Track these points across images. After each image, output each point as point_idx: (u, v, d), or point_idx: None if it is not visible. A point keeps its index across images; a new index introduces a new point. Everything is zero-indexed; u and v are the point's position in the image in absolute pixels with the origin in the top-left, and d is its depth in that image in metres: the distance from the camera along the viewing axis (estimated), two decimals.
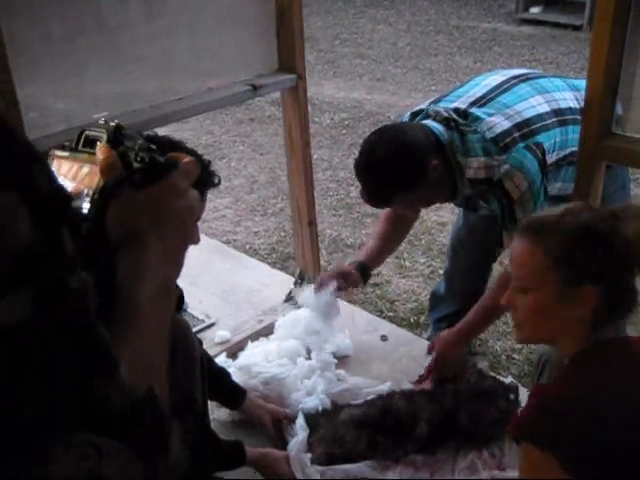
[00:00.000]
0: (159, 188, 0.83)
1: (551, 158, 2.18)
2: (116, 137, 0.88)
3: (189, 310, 3.05)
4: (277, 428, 2.37)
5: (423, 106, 2.30)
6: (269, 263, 3.76)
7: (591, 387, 1.41)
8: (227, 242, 4.07)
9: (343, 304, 3.16)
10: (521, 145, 2.10)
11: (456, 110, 2.18)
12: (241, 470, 2.10)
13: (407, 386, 2.45)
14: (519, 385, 2.37)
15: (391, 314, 3.35)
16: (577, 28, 8.10)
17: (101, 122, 0.90)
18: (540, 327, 1.54)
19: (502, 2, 9.74)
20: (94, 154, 0.86)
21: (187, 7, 2.32)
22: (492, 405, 2.25)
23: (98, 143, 0.87)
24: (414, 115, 2.30)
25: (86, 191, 0.84)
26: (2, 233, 0.54)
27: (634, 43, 1.79)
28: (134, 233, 0.79)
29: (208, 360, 2.18)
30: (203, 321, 2.98)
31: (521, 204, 2.12)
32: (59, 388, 0.53)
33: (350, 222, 4.30)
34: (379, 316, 3.26)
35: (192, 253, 2.41)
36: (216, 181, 1.88)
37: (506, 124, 2.12)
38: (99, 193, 0.83)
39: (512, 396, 2.29)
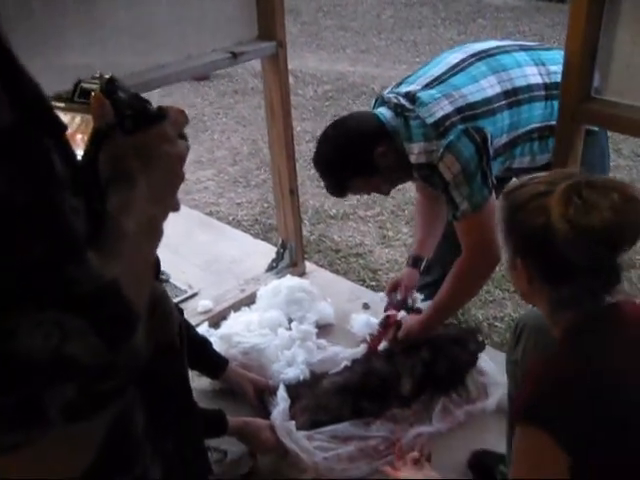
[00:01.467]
0: (149, 134, 0.87)
1: (500, 141, 2.21)
2: (109, 88, 0.91)
3: (171, 280, 3.05)
4: (259, 398, 2.37)
5: (386, 91, 2.35)
6: (252, 234, 3.76)
7: (582, 362, 1.37)
8: (210, 214, 4.06)
9: (325, 273, 3.18)
10: (459, 128, 2.12)
11: (407, 94, 2.22)
12: (224, 439, 2.11)
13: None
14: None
15: (373, 283, 3.36)
16: (561, 0, 8.09)
17: (96, 75, 0.93)
18: (520, 292, 1.55)
19: None
20: (89, 104, 0.89)
21: None
22: (465, 349, 2.39)
23: (92, 93, 0.90)
24: (376, 101, 2.38)
25: (80, 136, 0.88)
26: None
27: (612, 10, 1.78)
28: (124, 173, 0.83)
29: (188, 329, 2.17)
30: (185, 291, 2.98)
31: (455, 187, 2.15)
32: (28, 266, 0.55)
33: None
34: (362, 285, 3.27)
35: (174, 224, 2.41)
36: (186, 139, 1.86)
37: (448, 108, 2.15)
38: (92, 136, 0.87)
39: (480, 337, 2.45)
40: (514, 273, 1.49)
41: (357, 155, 2.22)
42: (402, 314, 2.53)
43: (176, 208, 1.95)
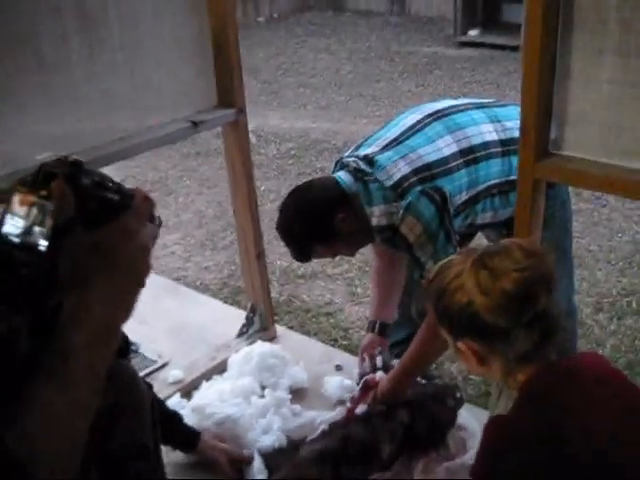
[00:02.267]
0: (111, 229, 0.83)
1: (460, 198, 2.24)
2: (72, 173, 0.86)
3: (140, 351, 3.00)
4: (237, 470, 2.32)
5: (345, 154, 2.38)
6: (221, 298, 3.73)
7: (537, 417, 1.41)
8: (177, 279, 4.02)
9: (296, 336, 3.16)
10: (417, 189, 2.15)
11: (365, 157, 2.25)
12: None
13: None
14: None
15: (345, 342, 3.34)
16: (515, 49, 8.25)
17: (60, 157, 0.89)
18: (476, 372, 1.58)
19: (441, 26, 9.89)
20: (49, 189, 0.84)
21: (125, 46, 2.30)
22: (444, 406, 2.37)
23: (55, 182, 0.85)
24: (336, 164, 2.41)
25: (38, 229, 0.82)
26: None
27: (563, 65, 1.82)
28: (82, 275, 0.79)
29: (159, 404, 2.14)
30: (155, 361, 2.94)
31: (420, 247, 2.17)
32: None
33: None
34: (333, 345, 3.25)
35: (142, 292, 2.38)
36: (157, 222, 1.84)
37: (405, 169, 2.18)
38: (51, 232, 0.81)
39: (458, 394, 2.43)
40: (462, 357, 1.54)
41: (318, 223, 2.24)
42: (380, 374, 2.51)
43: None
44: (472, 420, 2.38)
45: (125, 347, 1.90)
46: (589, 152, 1.87)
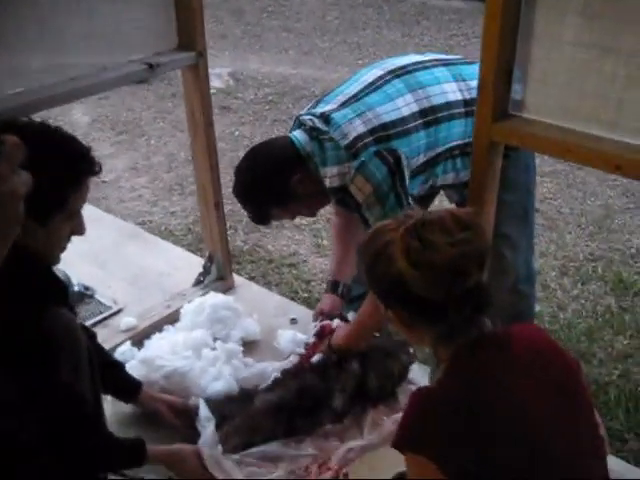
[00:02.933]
0: None
1: (417, 160, 2.16)
2: None
3: (96, 296, 2.96)
4: (185, 419, 2.28)
5: (304, 112, 2.30)
6: (184, 245, 3.69)
7: (461, 386, 1.39)
8: (142, 223, 3.97)
9: (254, 287, 3.12)
10: (371, 150, 2.08)
11: (322, 115, 2.17)
12: (157, 468, 2.02)
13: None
14: None
15: (306, 295, 3.32)
16: None
17: None
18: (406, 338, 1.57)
19: None
20: None
21: None
22: (397, 361, 2.37)
23: None
24: (295, 121, 2.33)
25: None
26: None
27: (526, 25, 1.75)
28: None
29: (100, 352, 2.10)
30: (110, 307, 2.89)
31: (368, 208, 2.12)
32: None
33: None
34: (294, 297, 3.22)
35: (103, 236, 2.35)
36: (96, 169, 1.78)
37: (361, 129, 2.10)
38: None
39: (411, 349, 2.40)
40: (392, 324, 1.51)
41: (274, 186, 2.19)
42: (337, 321, 2.49)
43: (80, 232, 1.86)
44: (423, 375, 2.39)
45: (63, 293, 1.85)
46: (550, 115, 1.80)
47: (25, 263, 1.58)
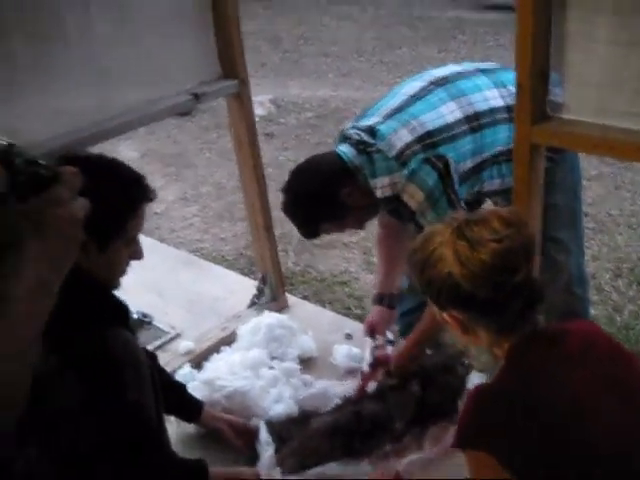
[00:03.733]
0: (40, 200, 0.91)
1: (465, 166, 2.19)
2: (5, 155, 0.94)
3: (154, 322, 3.03)
4: (245, 441, 2.32)
5: (348, 126, 2.35)
6: (237, 269, 3.75)
7: (517, 381, 1.42)
8: (195, 250, 4.06)
9: (307, 305, 3.17)
10: (420, 157, 2.12)
11: (367, 128, 2.22)
12: None
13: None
14: None
15: (359, 311, 3.35)
16: None
17: None
18: (462, 342, 1.59)
19: None
20: None
21: (125, 19, 2.29)
22: (453, 375, 2.37)
23: None
24: (339, 136, 2.37)
25: None
26: None
27: (559, 28, 1.77)
28: (15, 240, 0.88)
29: (162, 373, 2.16)
30: (168, 333, 2.96)
31: (422, 214, 2.15)
32: None
33: None
34: (347, 314, 3.26)
35: (159, 264, 2.39)
36: (151, 196, 1.86)
37: (407, 138, 2.14)
38: None
39: (465, 361, 2.40)
40: (448, 328, 1.54)
41: (323, 200, 2.22)
42: (390, 349, 2.51)
43: (138, 257, 1.94)
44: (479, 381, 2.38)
45: (124, 316, 1.92)
46: (589, 114, 1.82)
47: (88, 286, 1.66)
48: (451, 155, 2.15)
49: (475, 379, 2.42)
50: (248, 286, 3.23)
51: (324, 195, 2.22)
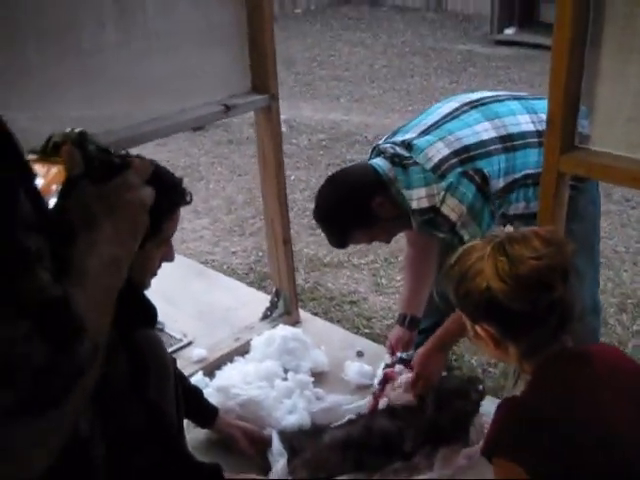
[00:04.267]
0: (113, 183, 0.98)
1: (498, 183, 2.25)
2: (79, 141, 1.01)
3: (166, 330, 3.06)
4: (258, 450, 2.36)
5: (381, 142, 2.41)
6: (247, 283, 3.78)
7: (548, 396, 1.46)
8: (205, 262, 4.09)
9: (319, 322, 3.21)
10: (458, 170, 2.18)
11: (402, 143, 2.29)
12: None
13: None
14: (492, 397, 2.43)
15: (367, 331, 3.38)
16: (550, 48, 8.22)
17: (67, 130, 1.02)
18: (492, 356, 1.62)
19: (477, 24, 9.86)
20: (60, 156, 0.98)
21: (162, 31, 2.35)
22: (467, 400, 2.38)
23: (64, 146, 0.99)
24: (372, 151, 2.44)
25: (55, 186, 0.96)
26: None
27: (592, 63, 1.84)
28: (90, 219, 0.93)
29: (181, 378, 2.19)
30: (180, 340, 3.00)
31: (463, 226, 2.19)
32: None
33: (327, 241, 4.32)
34: (356, 333, 3.29)
35: (169, 273, 2.37)
36: (188, 199, 1.90)
37: (444, 151, 2.21)
38: (63, 185, 0.96)
39: (480, 386, 2.43)
40: (480, 342, 1.59)
41: (355, 208, 2.26)
42: (399, 367, 2.54)
43: (170, 258, 1.98)
44: (493, 407, 2.40)
45: (153, 317, 1.95)
46: (615, 147, 1.88)
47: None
48: (487, 170, 2.21)
49: (489, 405, 2.46)
50: (259, 299, 3.27)
51: (355, 203, 2.26)
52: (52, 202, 0.95)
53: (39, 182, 0.94)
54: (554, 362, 1.49)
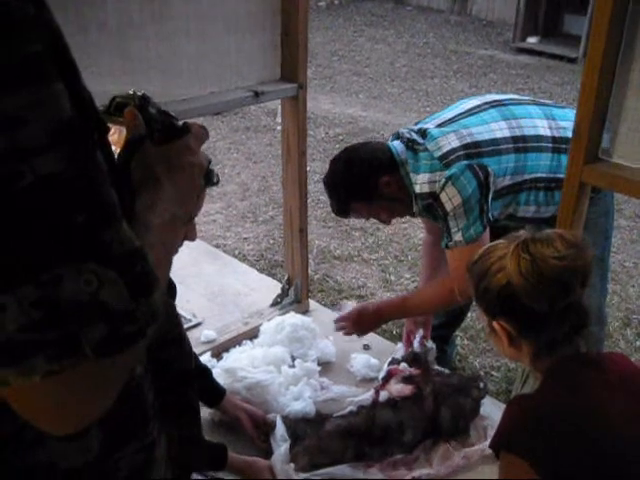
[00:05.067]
0: (174, 145, 1.00)
1: (503, 181, 2.31)
2: (141, 103, 1.03)
3: (177, 309, 3.09)
4: (262, 432, 2.39)
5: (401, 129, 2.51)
6: (257, 269, 3.81)
7: (560, 395, 1.49)
8: (217, 246, 4.12)
9: (328, 312, 3.23)
10: (463, 163, 2.25)
11: (419, 130, 2.39)
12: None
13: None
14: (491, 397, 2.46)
15: None
16: (572, 60, 8.23)
17: (130, 92, 1.05)
18: (505, 354, 1.66)
19: (500, 30, 9.89)
20: (122, 117, 1.01)
21: (195, 13, 2.37)
22: (468, 397, 2.42)
23: (126, 107, 1.01)
24: (393, 135, 2.53)
25: (114, 148, 0.98)
26: (51, 106, 0.65)
27: (622, 78, 1.86)
28: (152, 178, 0.96)
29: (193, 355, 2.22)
30: (190, 320, 3.02)
31: (454, 217, 2.27)
32: (75, 227, 0.65)
33: (338, 234, 4.37)
34: None
35: (181, 254, 2.41)
36: (215, 180, 1.93)
37: (455, 143, 2.28)
38: (125, 144, 0.99)
39: (482, 384, 2.47)
40: (495, 338, 1.61)
41: (363, 180, 2.36)
42: (403, 365, 2.58)
43: (192, 238, 2.01)
44: (494, 410, 2.44)
45: (173, 293, 1.98)
46: (637, 161, 1.91)
47: None
48: (493, 168, 2.27)
49: (490, 403, 2.50)
50: (270, 285, 3.30)
51: (365, 175, 2.36)
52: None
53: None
54: (567, 364, 1.52)
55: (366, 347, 2.88)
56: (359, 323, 2.63)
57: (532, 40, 9.04)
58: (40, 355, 0.64)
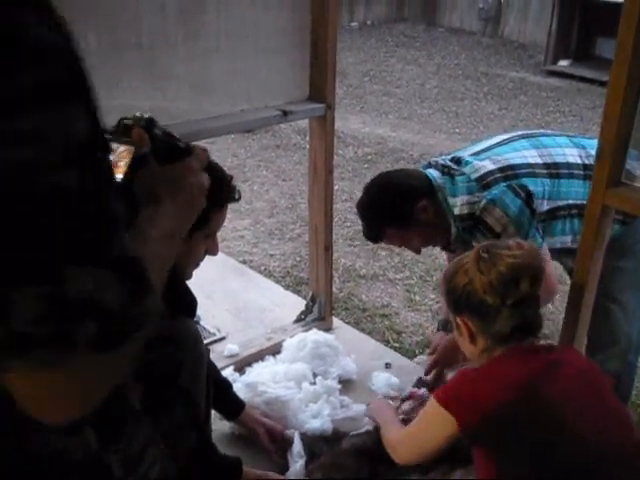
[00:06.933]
0: (177, 165, 1.08)
1: (542, 206, 2.31)
2: (148, 125, 1.10)
3: (201, 323, 3.13)
4: (279, 448, 2.40)
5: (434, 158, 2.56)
6: (283, 286, 3.84)
7: (503, 371, 1.74)
8: (243, 262, 4.15)
9: (351, 330, 3.26)
10: (503, 184, 2.27)
11: (453, 158, 2.43)
12: None
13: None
14: None
15: (397, 345, 3.42)
16: (603, 84, 8.18)
17: (137, 114, 1.12)
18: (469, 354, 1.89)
19: (532, 53, 9.88)
20: (130, 138, 1.08)
21: (226, 31, 2.42)
22: None
23: (133, 128, 1.09)
24: (425, 165, 2.56)
25: (122, 163, 1.06)
26: (70, 125, 0.69)
27: None
28: (154, 195, 1.03)
29: (212, 370, 2.25)
30: (214, 334, 3.07)
31: (508, 237, 2.23)
32: (83, 236, 0.69)
33: (364, 253, 4.38)
34: (385, 346, 3.33)
35: (209, 268, 2.41)
36: (237, 196, 1.97)
37: (491, 167, 2.32)
38: (131, 162, 1.06)
39: None
40: (460, 338, 1.85)
41: (398, 205, 2.34)
42: (423, 390, 2.58)
43: (214, 252, 2.05)
44: None
45: (193, 307, 2.02)
46: None
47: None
48: (532, 188, 2.28)
49: None
50: (294, 302, 3.34)
51: (401, 200, 2.34)
52: (118, 177, 1.04)
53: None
54: (512, 351, 1.75)
55: (388, 366, 2.89)
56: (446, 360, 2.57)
57: (564, 63, 9.02)
58: (39, 348, 0.68)
